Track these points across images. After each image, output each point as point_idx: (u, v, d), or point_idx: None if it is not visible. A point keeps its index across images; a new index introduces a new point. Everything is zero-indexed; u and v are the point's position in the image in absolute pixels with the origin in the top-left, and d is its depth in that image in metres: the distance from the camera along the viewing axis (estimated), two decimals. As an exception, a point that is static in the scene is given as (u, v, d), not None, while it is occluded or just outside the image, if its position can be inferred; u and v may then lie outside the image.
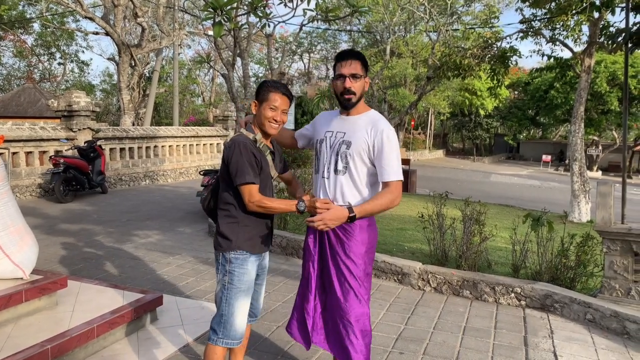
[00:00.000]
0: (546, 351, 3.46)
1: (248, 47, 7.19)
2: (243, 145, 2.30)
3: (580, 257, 4.43)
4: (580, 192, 9.77)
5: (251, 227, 2.41)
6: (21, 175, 9.27)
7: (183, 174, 13.72)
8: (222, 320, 2.37)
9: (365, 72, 2.44)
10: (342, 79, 2.39)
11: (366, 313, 2.43)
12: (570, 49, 10.35)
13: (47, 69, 32.90)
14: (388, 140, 2.36)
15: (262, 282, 2.64)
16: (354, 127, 2.43)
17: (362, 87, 2.42)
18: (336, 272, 2.42)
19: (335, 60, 2.47)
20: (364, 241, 2.42)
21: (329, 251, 2.44)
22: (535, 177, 25.32)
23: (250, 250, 2.40)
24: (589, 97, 11.80)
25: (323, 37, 37.16)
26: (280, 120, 2.40)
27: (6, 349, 2.74)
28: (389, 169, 2.36)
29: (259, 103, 2.41)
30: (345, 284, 2.40)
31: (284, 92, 2.40)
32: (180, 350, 3.23)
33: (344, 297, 2.39)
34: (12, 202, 3.35)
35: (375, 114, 2.49)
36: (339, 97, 2.43)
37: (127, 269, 5.04)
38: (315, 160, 2.58)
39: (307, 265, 2.55)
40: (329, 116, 2.61)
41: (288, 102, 2.42)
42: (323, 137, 2.51)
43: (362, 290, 2.42)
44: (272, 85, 2.41)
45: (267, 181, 2.45)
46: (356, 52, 2.44)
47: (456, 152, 42.98)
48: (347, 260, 2.40)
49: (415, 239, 6.11)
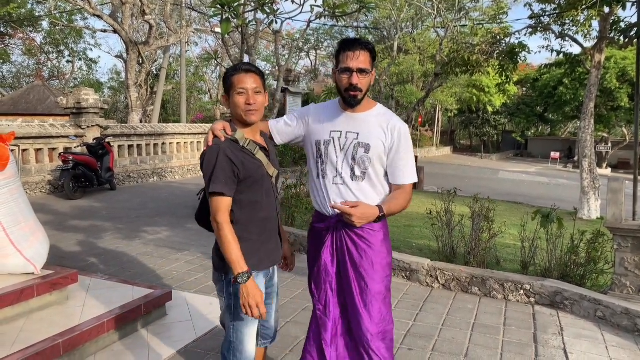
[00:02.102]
0: (556, 348, 3.44)
1: (256, 44, 7.19)
2: (216, 150, 1.98)
3: (590, 254, 4.40)
4: (590, 189, 9.70)
5: (253, 240, 2.10)
6: (31, 172, 9.35)
7: (191, 171, 13.77)
8: (232, 347, 2.15)
9: (373, 65, 2.17)
10: (349, 73, 2.10)
11: (392, 329, 2.26)
12: (580, 45, 10.26)
13: (56, 67, 33.16)
14: (405, 139, 2.19)
15: (274, 302, 2.37)
16: (368, 127, 2.18)
17: (369, 83, 2.16)
18: (359, 290, 2.18)
19: (340, 49, 2.13)
20: (389, 251, 2.28)
21: (350, 268, 2.19)
22: (543, 174, 25.15)
23: (255, 267, 2.08)
24: (598, 94, 11.69)
25: (330, 34, 37.08)
26: (255, 102, 2.03)
27: (18, 343, 2.77)
28: (405, 171, 2.19)
29: (227, 95, 2.09)
30: (370, 300, 2.17)
31: (246, 70, 2.05)
32: (190, 345, 3.25)
33: (369, 314, 2.16)
34: (23, 198, 3.39)
35: (383, 109, 2.28)
36: (343, 93, 2.16)
37: (137, 265, 5.07)
38: (317, 163, 2.25)
39: (323, 287, 2.24)
40: (327, 111, 2.29)
41: (257, 79, 2.05)
42: (329, 139, 2.21)
43: (387, 306, 2.23)
44: (231, 69, 2.09)
45: (263, 183, 2.10)
46: (365, 42, 2.13)
47: (464, 149, 42.76)
48: (373, 274, 2.18)
49: (424, 236, 6.10)
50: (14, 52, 30.70)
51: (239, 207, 2.06)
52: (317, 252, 2.29)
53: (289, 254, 2.49)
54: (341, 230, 2.20)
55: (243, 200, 2.06)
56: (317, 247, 2.29)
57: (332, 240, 2.23)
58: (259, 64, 29.26)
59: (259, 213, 2.11)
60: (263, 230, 2.14)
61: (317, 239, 2.32)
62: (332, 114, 2.26)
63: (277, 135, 2.38)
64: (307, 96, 20.87)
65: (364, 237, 2.18)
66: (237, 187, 2.03)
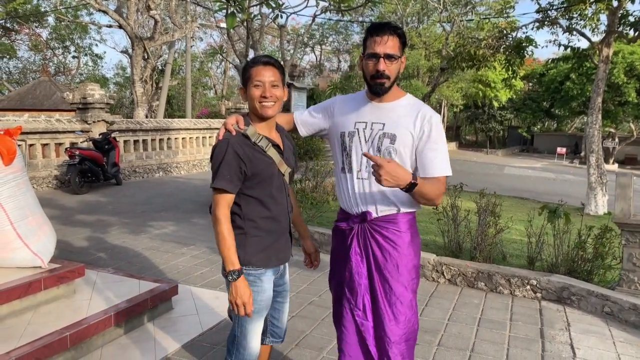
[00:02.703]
0: (563, 343, 3.42)
1: (261, 39, 7.19)
2: (225, 145, 1.94)
3: (598, 250, 4.37)
4: (597, 184, 9.63)
5: (262, 237, 2.05)
6: (38, 167, 9.40)
7: (196, 166, 13.80)
8: (235, 342, 2.14)
9: (403, 51, 2.02)
10: (375, 59, 1.96)
11: (416, 330, 2.16)
12: (587, 39, 10.16)
13: (62, 63, 33.31)
14: (436, 129, 2.01)
15: (285, 301, 2.32)
16: (395, 117, 2.04)
17: (398, 70, 2.01)
18: (384, 292, 2.08)
19: (367, 34, 2.01)
20: (417, 254, 2.14)
21: (375, 270, 2.08)
22: (549, 170, 25.02)
23: (263, 265, 2.05)
24: (605, 89, 11.59)
25: (335, 29, 36.99)
26: (272, 96, 1.97)
27: (26, 336, 2.79)
28: (435, 162, 1.99)
29: (244, 88, 2.04)
30: (394, 301, 2.07)
31: (265, 62, 1.98)
32: (196, 338, 3.26)
33: (394, 316, 2.07)
34: (30, 192, 3.40)
35: (413, 99, 2.11)
36: (369, 80, 2.02)
37: (143, 259, 5.09)
38: (342, 156, 2.13)
39: (359, 291, 2.10)
40: (355, 102, 2.16)
41: (276, 72, 1.98)
42: (354, 130, 2.08)
43: (412, 309, 2.12)
44: (250, 61, 2.03)
45: (273, 181, 2.04)
46: (394, 27, 1.98)
47: (469, 145, 42.60)
48: (398, 277, 2.07)
49: (429, 231, 6.08)
50: (20, 48, 30.88)
51: (246, 202, 2.03)
52: (343, 254, 2.16)
53: (311, 251, 2.44)
54: (366, 230, 2.09)
55: (251, 196, 2.02)
56: (343, 249, 2.17)
57: (357, 241, 2.11)
58: (264, 59, 29.14)
59: (267, 210, 2.05)
60: (272, 228, 2.08)
61: (341, 240, 2.20)
62: (357, 105, 2.14)
63: (302, 127, 2.29)
64: (312, 91, 20.82)
65: (389, 238, 2.07)
66: (245, 183, 1.99)
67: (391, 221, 2.08)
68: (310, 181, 8.01)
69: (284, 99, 2.04)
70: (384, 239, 2.06)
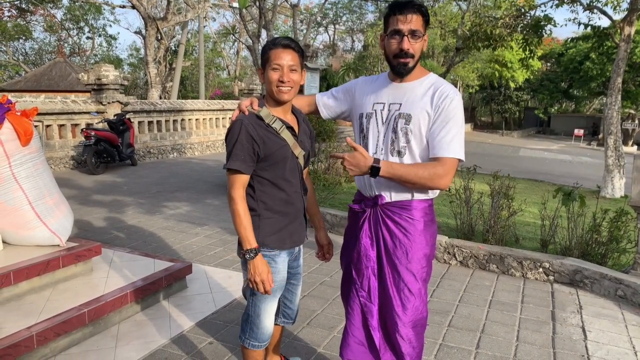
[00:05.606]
0: (574, 326, 3.42)
1: (273, 19, 7.12)
2: (239, 126, 1.94)
3: (612, 233, 4.32)
4: (615, 166, 9.47)
5: (276, 218, 2.07)
6: (55, 148, 9.55)
7: (210, 147, 13.88)
8: (249, 320, 2.18)
9: (426, 30, 1.94)
10: (399, 37, 1.88)
11: (425, 317, 2.12)
12: (609, 17, 9.88)
13: (77, 43, 33.46)
14: (453, 107, 1.91)
15: (298, 283, 2.33)
16: (413, 96, 1.97)
17: (421, 49, 1.94)
18: (392, 278, 2.05)
19: (390, 11, 1.92)
20: (429, 243, 2.08)
21: (384, 255, 2.06)
22: (566, 152, 24.64)
23: (278, 246, 2.08)
24: (626, 69, 11.31)
25: (349, 8, 36.43)
26: (290, 80, 1.95)
27: (46, 312, 2.88)
28: (443, 142, 1.89)
29: (262, 69, 2.02)
30: (402, 287, 2.03)
31: (285, 45, 1.95)
32: (210, 316, 3.33)
33: (402, 303, 2.04)
34: (48, 172, 3.47)
35: (436, 77, 2.02)
36: (391, 60, 1.95)
37: (158, 239, 5.18)
38: (360, 138, 2.11)
39: (365, 273, 2.08)
40: (375, 83, 2.11)
41: (295, 56, 1.96)
42: (372, 111, 2.04)
43: (421, 297, 2.08)
44: (270, 42, 2.00)
45: (286, 163, 2.03)
46: (418, 4, 1.89)
47: (484, 126, 42.03)
48: (407, 264, 2.03)
49: (442, 213, 6.07)
50: (35, 29, 31.05)
51: (260, 184, 2.04)
52: (354, 236, 2.16)
53: (324, 242, 2.39)
54: (377, 214, 2.06)
55: (265, 178, 2.03)
56: (354, 230, 2.16)
57: (369, 224, 2.08)
58: (277, 40, 28.96)
59: (281, 192, 2.06)
60: (286, 210, 2.08)
61: (354, 221, 2.19)
62: (378, 86, 2.08)
63: (324, 109, 2.28)
64: (325, 72, 20.65)
65: (400, 224, 2.03)
66: (258, 164, 2.00)
67: (405, 207, 2.04)
68: (323, 163, 8.02)
69: (302, 82, 2.02)
70: (395, 225, 2.03)
